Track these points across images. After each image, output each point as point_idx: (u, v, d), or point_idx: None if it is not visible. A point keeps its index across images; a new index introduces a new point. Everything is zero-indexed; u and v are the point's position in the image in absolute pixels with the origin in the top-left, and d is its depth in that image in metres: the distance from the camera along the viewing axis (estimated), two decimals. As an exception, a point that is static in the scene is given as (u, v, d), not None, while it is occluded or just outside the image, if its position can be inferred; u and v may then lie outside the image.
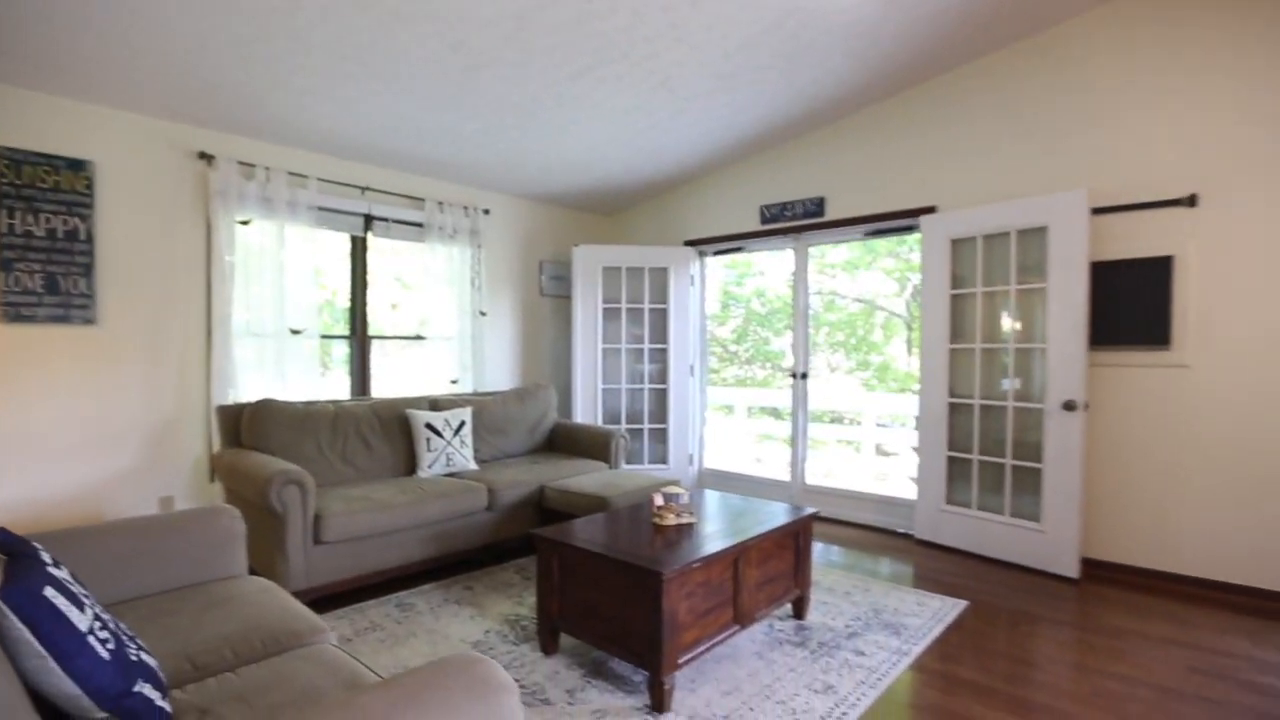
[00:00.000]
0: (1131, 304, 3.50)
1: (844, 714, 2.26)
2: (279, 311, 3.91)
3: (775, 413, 8.49)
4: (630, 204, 5.98)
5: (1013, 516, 3.79)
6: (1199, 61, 3.36)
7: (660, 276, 5.44)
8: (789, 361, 4.98)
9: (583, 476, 4.00)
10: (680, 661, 2.29)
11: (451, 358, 4.84)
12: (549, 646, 2.63)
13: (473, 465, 4.00)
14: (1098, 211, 3.58)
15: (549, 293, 5.70)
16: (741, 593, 2.58)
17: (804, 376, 5.01)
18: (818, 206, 4.75)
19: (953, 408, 4.07)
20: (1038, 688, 2.45)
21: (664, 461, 5.42)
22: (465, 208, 4.89)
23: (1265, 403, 3.22)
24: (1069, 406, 3.50)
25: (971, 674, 2.55)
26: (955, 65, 4.08)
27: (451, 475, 3.86)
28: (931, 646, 2.77)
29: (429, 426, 3.87)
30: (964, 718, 2.26)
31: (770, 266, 9.35)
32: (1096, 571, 3.63)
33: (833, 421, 8.40)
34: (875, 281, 9.58)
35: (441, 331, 4.76)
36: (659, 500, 2.77)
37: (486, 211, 5.09)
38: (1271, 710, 2.31)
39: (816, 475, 6.85)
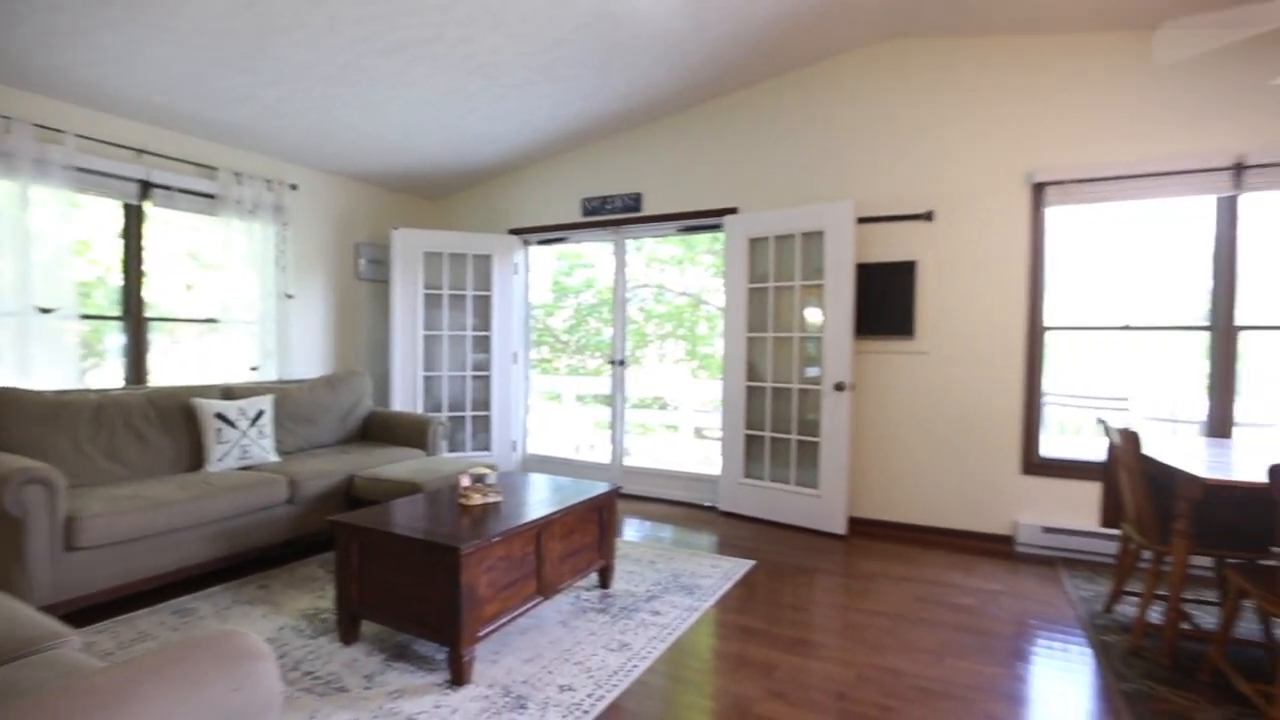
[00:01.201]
0: (887, 301, 4.13)
1: (635, 666, 2.48)
2: (22, 287, 3.38)
3: (609, 400, 8.79)
4: (454, 189, 5.87)
5: (797, 485, 4.30)
6: (936, 108, 4.02)
7: (484, 263, 5.41)
8: (620, 351, 5.21)
9: (397, 464, 3.92)
10: (481, 634, 2.37)
11: (252, 343, 4.46)
12: (349, 635, 2.58)
13: (273, 457, 3.76)
14: (863, 221, 4.16)
15: (366, 276, 5.44)
16: (545, 565, 2.71)
17: (622, 363, 5.26)
18: (635, 202, 5.01)
19: (750, 391, 4.52)
20: (801, 626, 2.85)
21: (487, 448, 5.43)
22: (268, 181, 4.52)
23: (979, 381, 3.97)
24: (839, 387, 4.05)
25: (749, 621, 2.90)
26: (755, 82, 4.51)
27: (248, 468, 3.59)
28: (719, 601, 3.10)
29: (220, 417, 3.57)
30: (736, 656, 2.58)
31: (600, 259, 9.60)
32: (861, 528, 4.24)
33: (661, 408, 8.86)
34: (702, 277, 10.21)
35: (241, 315, 4.38)
36: (465, 481, 2.82)
37: (294, 187, 4.74)
38: (966, 621, 2.89)
39: (642, 457, 7.21)
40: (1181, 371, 3.72)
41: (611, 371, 5.31)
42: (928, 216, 4.05)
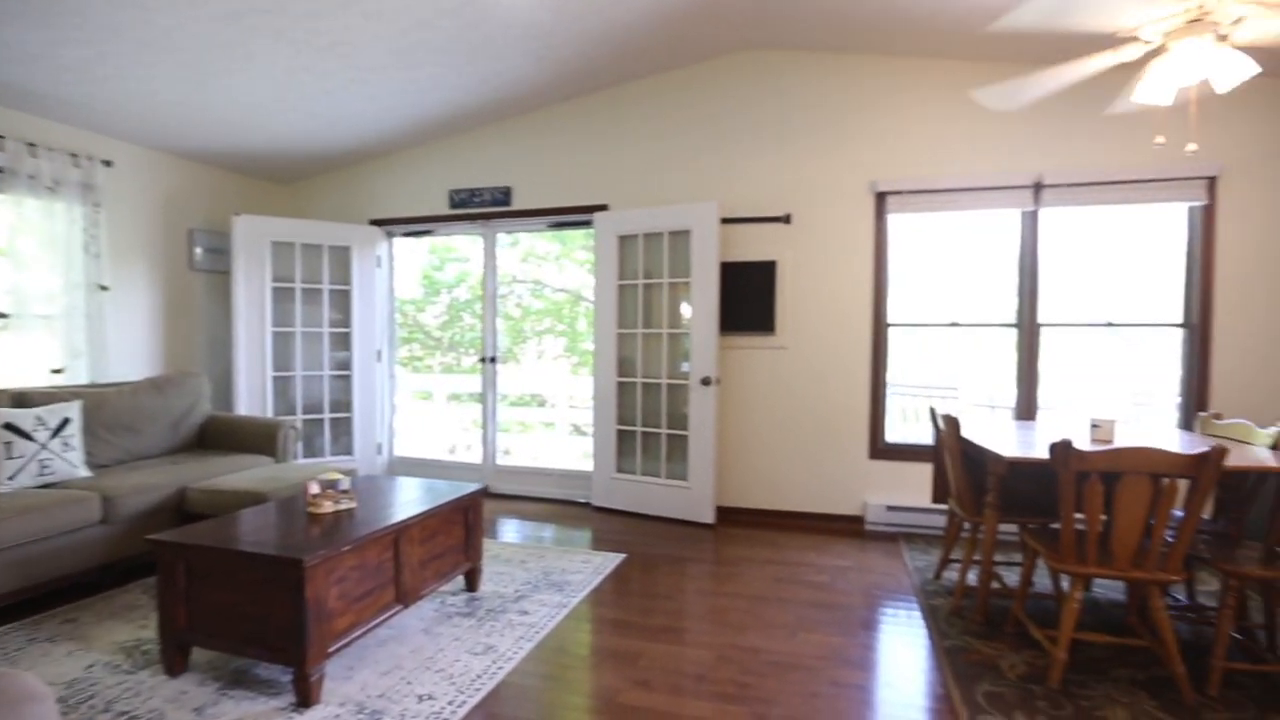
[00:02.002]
0: (749, 298, 4.33)
1: (500, 668, 2.43)
2: None
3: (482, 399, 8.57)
4: (309, 174, 5.46)
5: (668, 478, 4.42)
6: (792, 117, 4.27)
7: (342, 255, 5.08)
8: (491, 347, 5.07)
9: (240, 473, 3.59)
10: (331, 650, 2.23)
11: (54, 341, 3.91)
12: (176, 666, 2.33)
13: (83, 472, 3.31)
14: (727, 221, 4.34)
15: (203, 267, 4.93)
16: (404, 572, 2.60)
17: (494, 361, 5.14)
18: (505, 195, 4.91)
19: (621, 387, 4.58)
20: (668, 615, 2.93)
21: (349, 453, 5.11)
22: (74, 155, 3.97)
23: (832, 374, 4.27)
24: (706, 382, 4.20)
25: (617, 613, 2.94)
26: (624, 81, 4.56)
27: (49, 486, 3.14)
28: (589, 596, 3.12)
29: (10, 427, 3.09)
30: (603, 648, 2.61)
31: (475, 253, 9.34)
32: (729, 516, 4.43)
33: (540, 405, 8.76)
34: (580, 273, 10.19)
35: (39, 309, 3.81)
36: (314, 489, 2.63)
37: (108, 163, 4.19)
38: (818, 597, 3.10)
39: (521, 456, 7.09)
40: (998, 363, 4.20)
41: (483, 369, 5.18)
42: (786, 219, 4.29)
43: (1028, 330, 4.05)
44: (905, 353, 4.39)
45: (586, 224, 4.77)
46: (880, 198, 4.16)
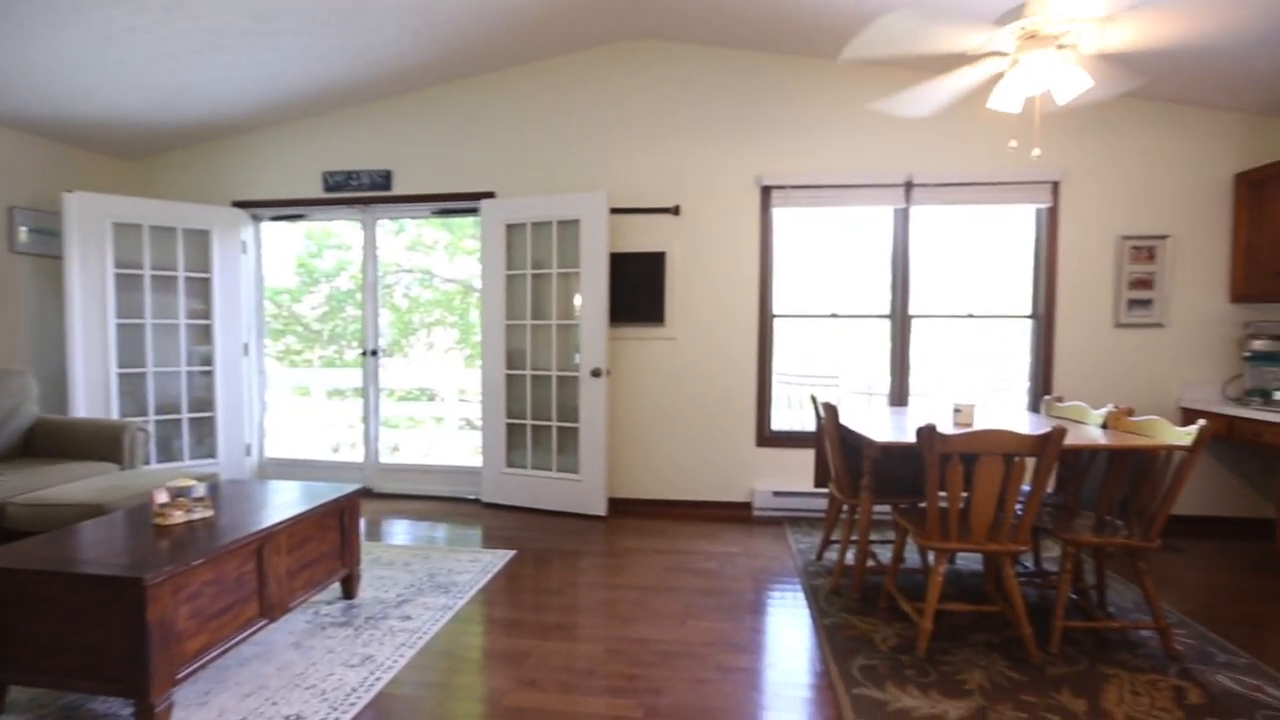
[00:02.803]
0: (639, 289, 4.34)
1: (378, 679, 2.30)
2: None
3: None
4: (160, 150, 4.91)
5: (559, 471, 4.36)
6: (679, 109, 4.31)
7: (200, 240, 4.62)
8: (372, 340, 4.78)
9: (76, 484, 3.18)
10: (181, 675, 2.01)
11: None
12: (-14, 706, 2.03)
13: None
14: (616, 211, 4.31)
15: (27, 250, 4.32)
16: (269, 583, 2.39)
17: (375, 354, 4.86)
18: (385, 180, 4.63)
19: (510, 379, 4.46)
20: (557, 610, 2.88)
21: (212, 456, 4.67)
22: None
23: (721, 364, 4.36)
24: (596, 373, 4.17)
25: (505, 612, 2.86)
26: (510, 65, 4.42)
27: None
28: (477, 596, 3.01)
29: None
30: (489, 649, 2.53)
31: (356, 240, 8.81)
32: (621, 507, 4.43)
33: (430, 399, 8.41)
34: (471, 263, 9.85)
35: None
36: (162, 497, 2.37)
37: (-104, 127, 3.57)
38: (707, 584, 3.16)
39: (411, 453, 6.79)
40: (874, 352, 4.45)
41: (364, 363, 4.88)
42: (675, 211, 4.33)
43: (900, 321, 4.32)
44: (790, 343, 4.56)
45: (473, 211, 4.60)
46: (766, 192, 4.28)
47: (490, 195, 4.49)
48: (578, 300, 4.26)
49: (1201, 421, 2.42)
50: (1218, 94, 3.88)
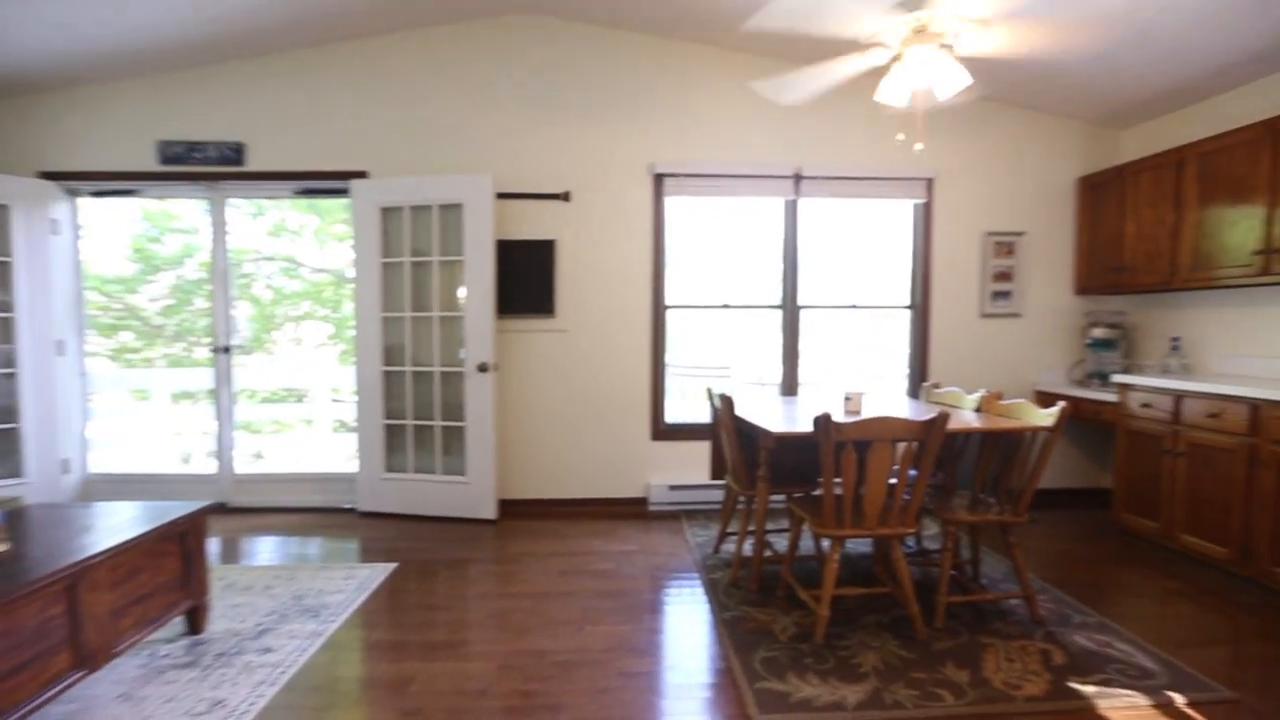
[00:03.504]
0: (528, 279, 4.13)
1: (229, 728, 1.98)
2: None
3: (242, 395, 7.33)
4: (-63, 107, 4.08)
5: (444, 474, 4.07)
6: (570, 90, 4.13)
7: (-3, 217, 3.88)
8: (224, 335, 4.22)
9: None
10: (-42, 753, 1.62)
11: None
12: None
13: None
14: (503, 196, 4.08)
15: None
16: (86, 627, 2.00)
17: (228, 350, 4.32)
18: (237, 153, 4.10)
19: (388, 376, 4.11)
20: (444, 627, 2.65)
21: (17, 475, 3.95)
22: None
23: (613, 357, 4.25)
24: (483, 369, 3.92)
25: (387, 633, 2.59)
26: (386, 31, 4.04)
27: None
28: (352, 618, 2.71)
29: None
30: (367, 678, 2.26)
31: (204, 222, 7.90)
32: (512, 509, 4.21)
33: (299, 400, 7.69)
34: (346, 250, 9.12)
35: None
36: (-69, 532, 1.91)
37: None
38: (604, 586, 3.04)
39: (277, 460, 6.18)
40: (765, 342, 4.51)
41: (215, 361, 4.33)
42: (565, 197, 4.15)
43: (790, 312, 4.40)
44: (683, 334, 4.53)
45: (343, 193, 4.18)
46: (658, 179, 4.21)
47: (362, 175, 4.09)
48: (462, 291, 3.98)
49: (1062, 404, 2.59)
50: (1066, 104, 4.24)
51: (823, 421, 2.37)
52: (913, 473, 2.50)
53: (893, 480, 2.49)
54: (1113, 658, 2.38)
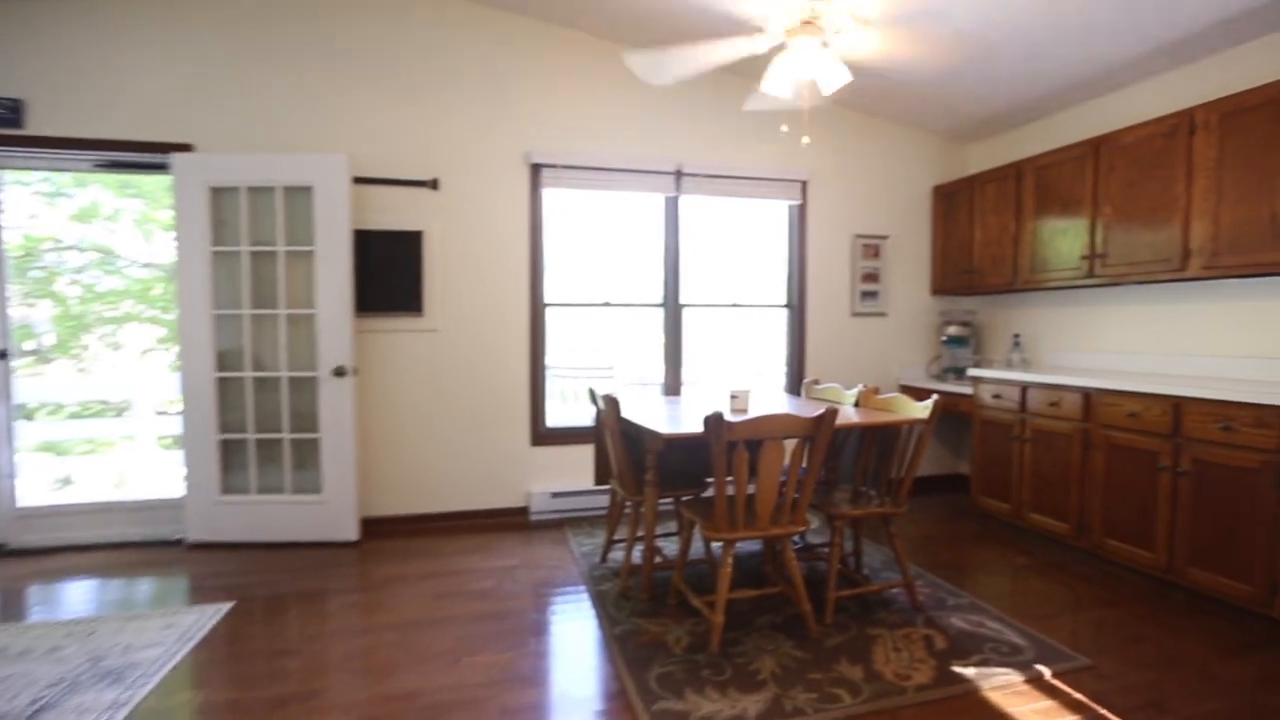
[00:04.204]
0: (392, 273, 3.75)
1: (-10, 842, 1.53)
2: None
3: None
4: None
5: (295, 493, 3.59)
6: (439, 68, 3.80)
7: None
8: (1, 338, 3.42)
9: None
10: None
11: None
12: None
13: None
14: (361, 181, 3.67)
15: None
16: None
17: (4, 356, 3.55)
18: (13, 112, 3.37)
19: (223, 384, 3.56)
20: (292, 676, 2.27)
21: None
22: None
23: (489, 358, 3.96)
24: (340, 373, 3.50)
25: (219, 693, 2.17)
26: (210, -16, 3.50)
27: None
28: (170, 679, 2.25)
29: None
30: (189, 755, 1.86)
31: (-15, 206, 6.57)
32: (376, 528, 3.80)
33: (118, 415, 6.61)
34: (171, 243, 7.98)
35: None
36: None
37: None
38: (484, 609, 2.77)
39: (91, 486, 5.28)
40: (647, 342, 4.41)
41: (-11, 370, 3.54)
42: (433, 184, 3.81)
43: (672, 310, 4.33)
44: (563, 333, 4.32)
45: (161, 168, 3.57)
46: (536, 170, 3.98)
47: (186, 148, 3.50)
48: (319, 285, 3.53)
49: (935, 397, 2.69)
50: (922, 118, 4.51)
51: (714, 421, 2.28)
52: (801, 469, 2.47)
53: (781, 478, 2.45)
54: (987, 637, 2.49)
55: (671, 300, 4.32)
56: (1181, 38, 3.11)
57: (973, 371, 3.96)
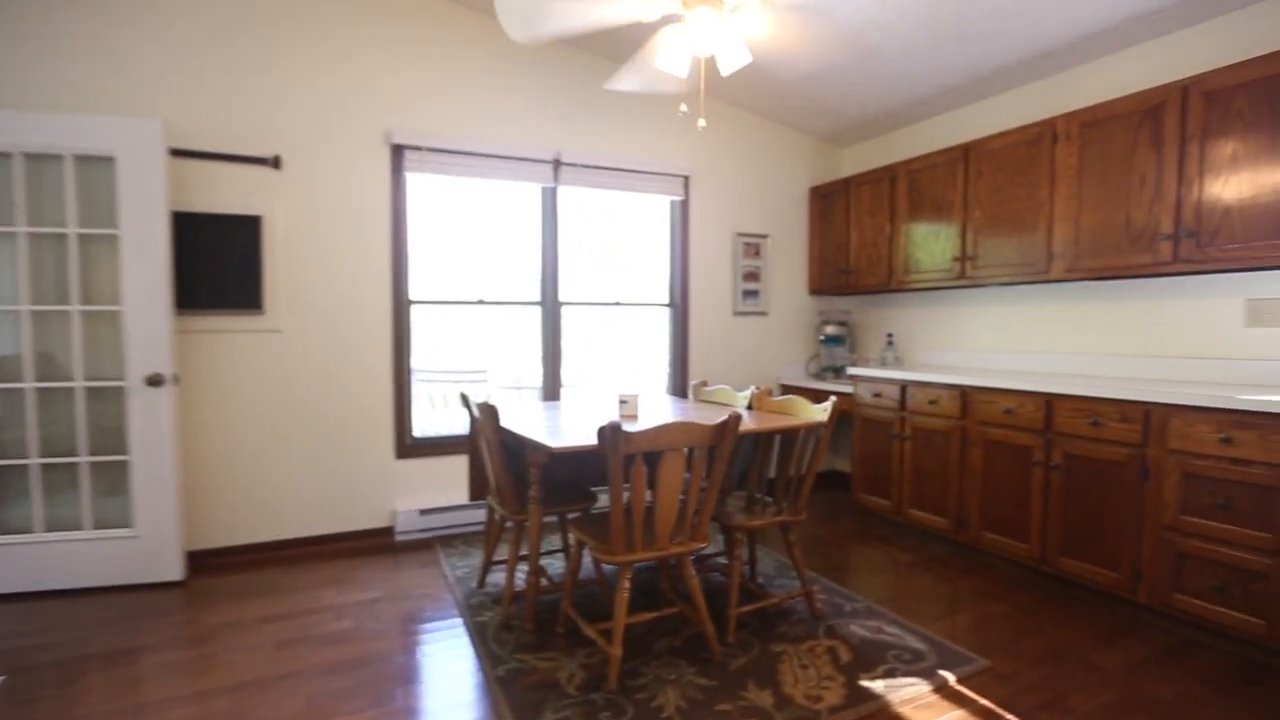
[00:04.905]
0: (222, 264, 3.18)
1: None
2: None
3: None
4: None
5: (97, 529, 2.94)
6: (284, 28, 3.27)
7: None
8: None
9: None
10: None
11: None
12: None
13: None
14: (181, 154, 3.08)
15: None
16: None
17: None
18: None
19: (-10, 398, 2.84)
20: (76, 774, 1.76)
21: None
22: None
23: (345, 362, 3.48)
24: (155, 381, 2.90)
25: (-41, 811, 1.63)
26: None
27: None
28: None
29: None
30: None
31: None
32: (207, 563, 3.22)
33: None
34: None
35: None
36: None
37: None
38: (341, 656, 2.36)
39: None
40: (524, 342, 4.10)
41: None
42: (274, 163, 3.28)
43: (551, 309, 4.05)
44: (432, 333, 3.91)
45: (-105, 125, 2.78)
46: (398, 151, 3.54)
47: (-72, 100, 2.75)
48: (130, 277, 2.89)
49: (833, 399, 2.62)
50: (801, 118, 4.53)
51: (610, 432, 2.05)
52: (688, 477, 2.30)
53: (681, 495, 2.26)
54: (888, 643, 2.44)
55: (550, 298, 4.04)
56: (1047, 50, 3.28)
57: (853, 370, 4.02)
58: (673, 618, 2.63)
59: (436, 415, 4.31)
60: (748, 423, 2.60)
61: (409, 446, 3.68)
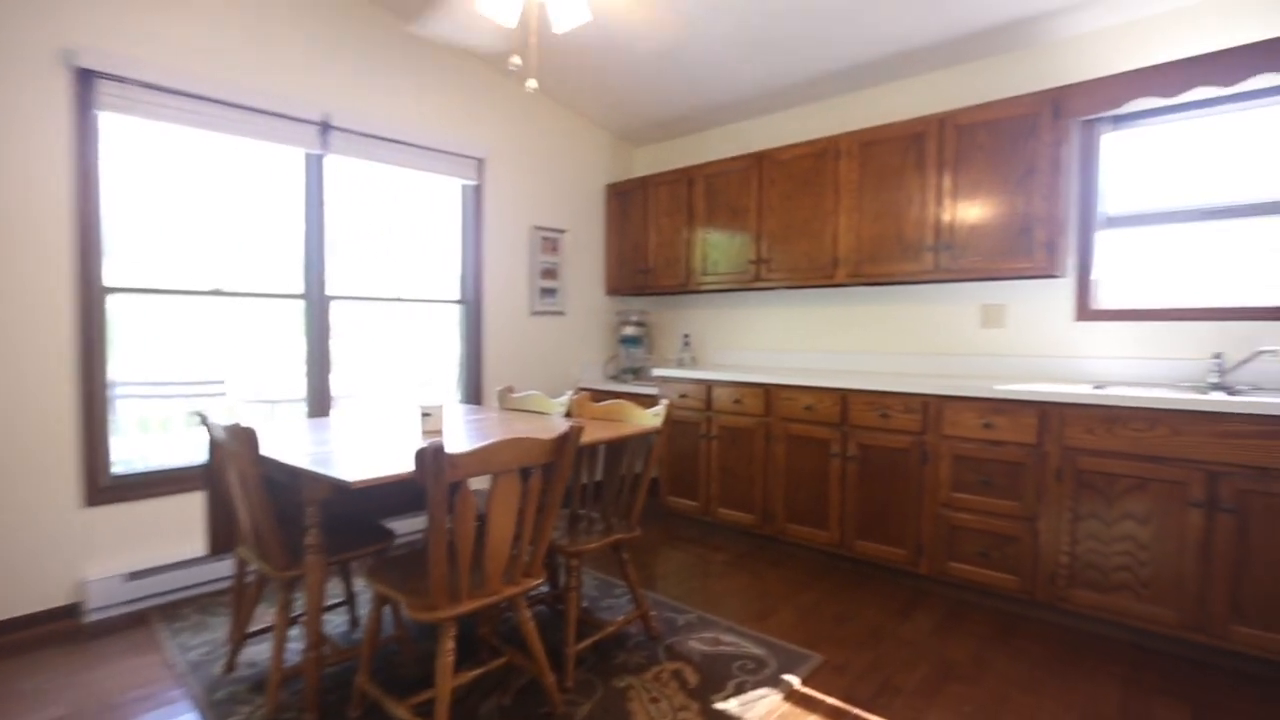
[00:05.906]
0: None
1: None
2: None
3: None
4: None
5: None
6: None
7: None
8: None
9: None
10: None
11: None
12: None
13: None
14: None
15: None
16: None
17: None
18: None
19: None
20: None
21: None
22: None
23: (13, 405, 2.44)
24: None
25: None
26: None
27: None
28: None
29: None
30: None
31: None
32: None
33: None
34: None
35: None
36: None
37: None
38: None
39: None
40: (278, 344, 3.30)
41: None
42: None
43: (318, 304, 3.32)
44: (143, 333, 2.95)
45: None
46: (86, 79, 2.58)
47: None
48: None
49: (665, 401, 2.45)
50: (600, 112, 4.36)
51: (432, 455, 1.61)
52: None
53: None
54: (729, 654, 2.33)
55: (316, 291, 3.32)
56: (834, 70, 3.51)
57: (658, 371, 3.95)
58: (499, 670, 2.23)
59: (152, 442, 3.28)
60: (593, 434, 2.31)
61: (105, 489, 2.70)
